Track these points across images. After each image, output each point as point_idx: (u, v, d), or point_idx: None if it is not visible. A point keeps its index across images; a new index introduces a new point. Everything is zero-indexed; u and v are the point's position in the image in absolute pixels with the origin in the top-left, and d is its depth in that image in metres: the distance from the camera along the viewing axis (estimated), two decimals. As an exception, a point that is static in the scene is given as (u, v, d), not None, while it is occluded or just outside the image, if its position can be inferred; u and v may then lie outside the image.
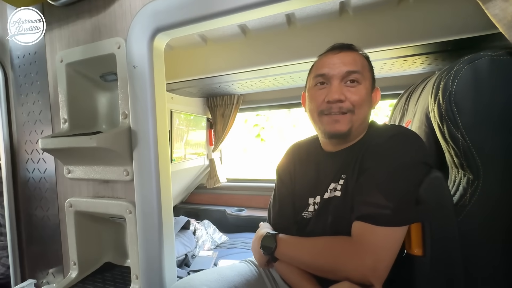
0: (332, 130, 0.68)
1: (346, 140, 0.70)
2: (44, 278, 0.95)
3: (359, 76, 0.66)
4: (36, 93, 0.90)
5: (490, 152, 0.59)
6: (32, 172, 0.93)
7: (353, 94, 0.66)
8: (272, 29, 1.11)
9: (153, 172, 0.72)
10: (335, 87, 0.67)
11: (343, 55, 0.68)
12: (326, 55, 0.71)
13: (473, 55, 0.59)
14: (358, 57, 0.69)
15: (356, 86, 0.67)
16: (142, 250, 0.75)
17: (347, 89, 0.67)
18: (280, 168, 0.85)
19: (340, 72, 0.67)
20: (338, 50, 0.70)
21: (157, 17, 0.69)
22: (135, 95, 0.73)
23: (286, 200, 0.79)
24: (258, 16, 0.66)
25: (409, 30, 0.96)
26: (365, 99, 0.67)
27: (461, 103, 0.59)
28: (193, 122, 2.02)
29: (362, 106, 0.67)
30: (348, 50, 0.70)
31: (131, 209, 0.76)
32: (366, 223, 0.57)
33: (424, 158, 0.61)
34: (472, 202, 0.60)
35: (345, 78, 0.67)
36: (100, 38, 0.79)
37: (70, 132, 0.81)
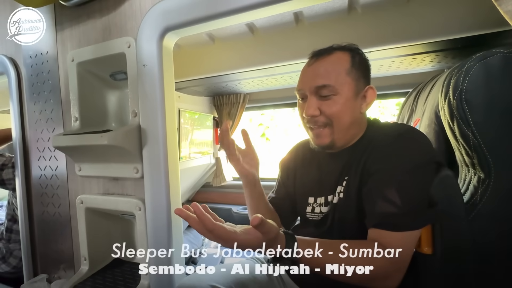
0: (316, 143, 0.69)
1: (337, 148, 0.69)
2: (56, 273, 0.97)
3: (330, 89, 0.63)
4: (48, 92, 0.92)
5: (501, 150, 0.58)
6: (44, 169, 0.95)
7: (328, 108, 0.64)
8: (280, 27, 1.11)
9: (162, 170, 0.73)
10: (309, 102, 0.66)
11: (317, 66, 0.66)
12: (304, 66, 0.70)
13: (485, 52, 0.58)
14: (335, 62, 0.65)
15: (331, 98, 0.64)
16: (151, 246, 0.76)
17: (322, 103, 0.65)
18: (281, 162, 0.90)
19: (311, 87, 0.65)
20: (314, 59, 0.67)
21: (167, 16, 0.70)
22: (144, 94, 0.74)
23: (281, 191, 0.86)
24: (267, 14, 0.66)
25: (419, 28, 0.95)
26: (344, 108, 0.64)
27: (472, 100, 0.58)
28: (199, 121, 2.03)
29: (340, 117, 0.64)
30: (324, 55, 0.66)
31: (140, 206, 0.77)
32: (385, 230, 0.55)
33: (433, 156, 0.60)
34: (483, 201, 0.60)
35: (317, 92, 0.65)
36: (110, 38, 0.80)
37: (81, 130, 0.82)
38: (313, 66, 0.66)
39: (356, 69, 0.65)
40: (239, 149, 0.82)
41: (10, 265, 1.19)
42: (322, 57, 0.66)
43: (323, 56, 0.66)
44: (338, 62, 0.65)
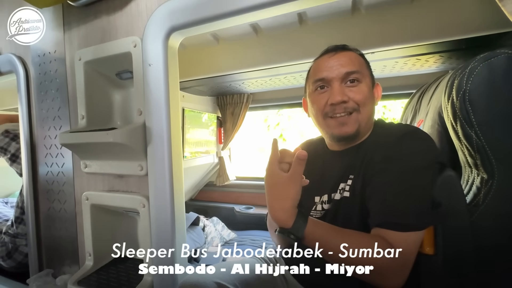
0: (339, 133, 0.68)
1: (354, 140, 0.70)
2: (61, 268, 0.98)
3: (358, 75, 0.67)
4: (55, 90, 0.93)
5: (505, 151, 0.57)
6: (50, 166, 0.97)
7: (356, 94, 0.66)
8: (284, 27, 1.12)
9: (166, 168, 0.74)
10: (336, 89, 0.67)
11: (339, 56, 0.68)
12: (322, 59, 0.71)
13: (489, 53, 0.58)
14: (354, 56, 0.69)
15: (357, 85, 0.67)
16: (154, 243, 0.77)
17: (349, 90, 0.67)
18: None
19: (339, 73, 0.67)
20: (333, 52, 0.70)
21: (172, 16, 0.71)
22: (149, 93, 0.75)
23: None
24: (271, 15, 0.67)
25: (423, 28, 0.95)
26: (368, 96, 0.68)
27: (475, 101, 0.58)
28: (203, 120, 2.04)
29: (366, 104, 0.67)
30: (342, 50, 0.70)
31: (144, 203, 0.78)
32: (387, 229, 0.55)
33: (437, 157, 0.60)
34: (486, 202, 0.59)
35: (345, 79, 0.67)
36: (117, 37, 0.81)
37: (87, 128, 0.84)
38: (336, 57, 0.69)
39: (367, 68, 0.71)
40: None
41: (15, 260, 1.21)
42: (341, 51, 0.70)
43: (342, 51, 0.70)
44: (357, 56, 0.70)
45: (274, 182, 0.56)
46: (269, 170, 0.57)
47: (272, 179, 0.57)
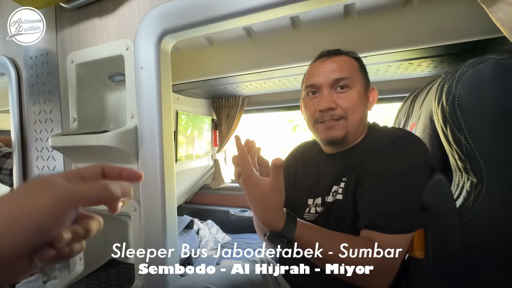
0: (327, 136, 0.69)
1: (344, 144, 0.71)
2: (51, 273, 0.97)
3: (348, 81, 0.67)
4: (47, 93, 0.93)
5: (494, 155, 0.58)
6: (42, 169, 0.96)
7: (344, 101, 0.66)
8: (277, 31, 1.12)
9: (158, 171, 0.74)
10: (325, 95, 0.67)
11: (330, 62, 0.68)
12: (315, 64, 0.72)
13: (477, 58, 0.59)
14: (346, 61, 0.69)
15: (347, 91, 0.67)
16: (146, 246, 0.76)
17: (338, 96, 0.67)
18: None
19: (329, 80, 0.67)
20: (325, 58, 0.70)
21: (165, 19, 0.71)
22: (141, 96, 0.74)
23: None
24: (263, 19, 0.68)
25: (414, 33, 0.96)
26: (358, 103, 0.67)
27: (465, 106, 0.59)
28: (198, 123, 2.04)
29: (355, 111, 0.67)
30: (335, 55, 0.70)
31: (136, 207, 0.77)
32: (375, 231, 0.55)
33: (427, 161, 0.60)
34: (475, 206, 0.60)
35: (334, 85, 0.67)
36: (109, 40, 0.81)
37: (78, 130, 0.83)
38: (328, 62, 0.69)
39: (363, 70, 0.71)
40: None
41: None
42: (334, 56, 0.70)
43: (334, 55, 0.70)
44: (349, 61, 0.69)
45: (257, 192, 0.52)
46: (248, 179, 0.53)
47: (255, 189, 0.52)
